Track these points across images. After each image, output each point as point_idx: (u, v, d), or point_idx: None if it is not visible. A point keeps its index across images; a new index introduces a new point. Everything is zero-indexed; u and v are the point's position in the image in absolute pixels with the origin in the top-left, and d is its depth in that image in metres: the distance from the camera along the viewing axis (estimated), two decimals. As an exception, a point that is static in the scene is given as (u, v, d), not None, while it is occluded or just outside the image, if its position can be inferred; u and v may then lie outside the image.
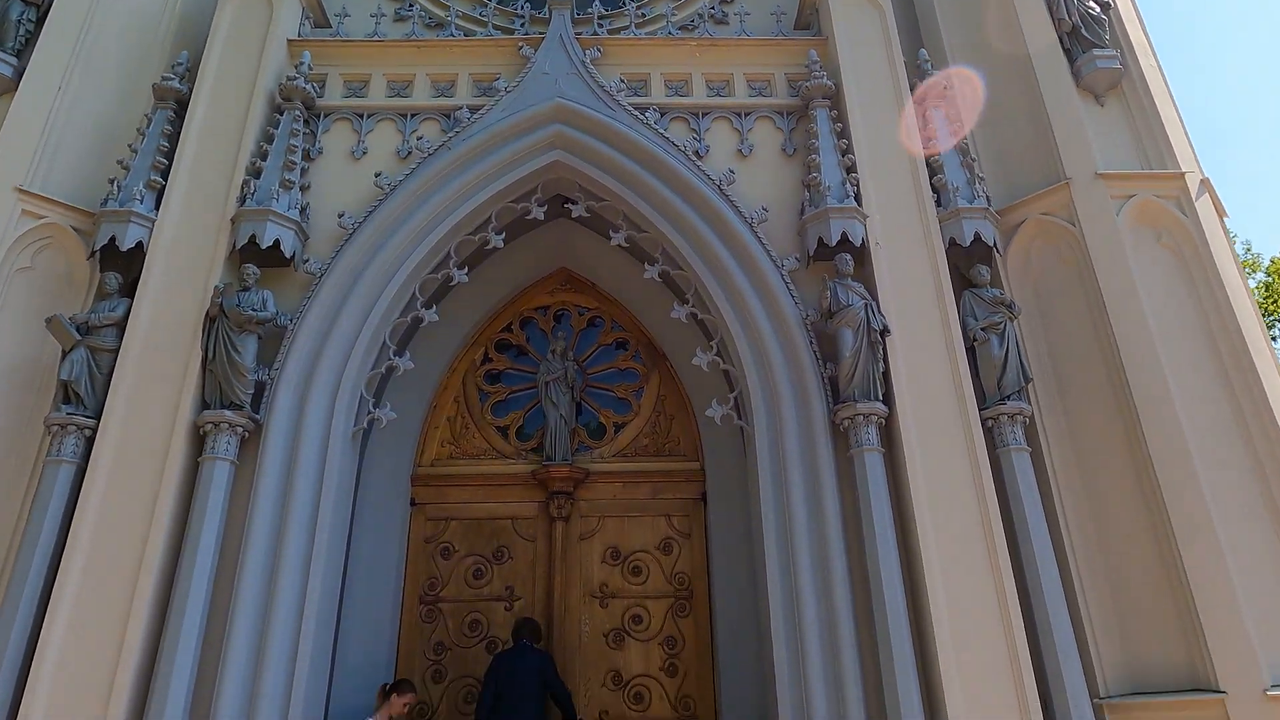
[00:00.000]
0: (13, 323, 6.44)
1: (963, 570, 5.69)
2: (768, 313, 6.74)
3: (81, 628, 5.46)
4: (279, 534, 5.93)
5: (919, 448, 6.07)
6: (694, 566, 7.25)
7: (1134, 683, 5.64)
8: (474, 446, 7.75)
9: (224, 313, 6.28)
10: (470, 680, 6.91)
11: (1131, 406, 6.15)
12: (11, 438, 6.17)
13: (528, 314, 8.30)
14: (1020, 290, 6.92)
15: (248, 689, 5.50)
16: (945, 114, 7.47)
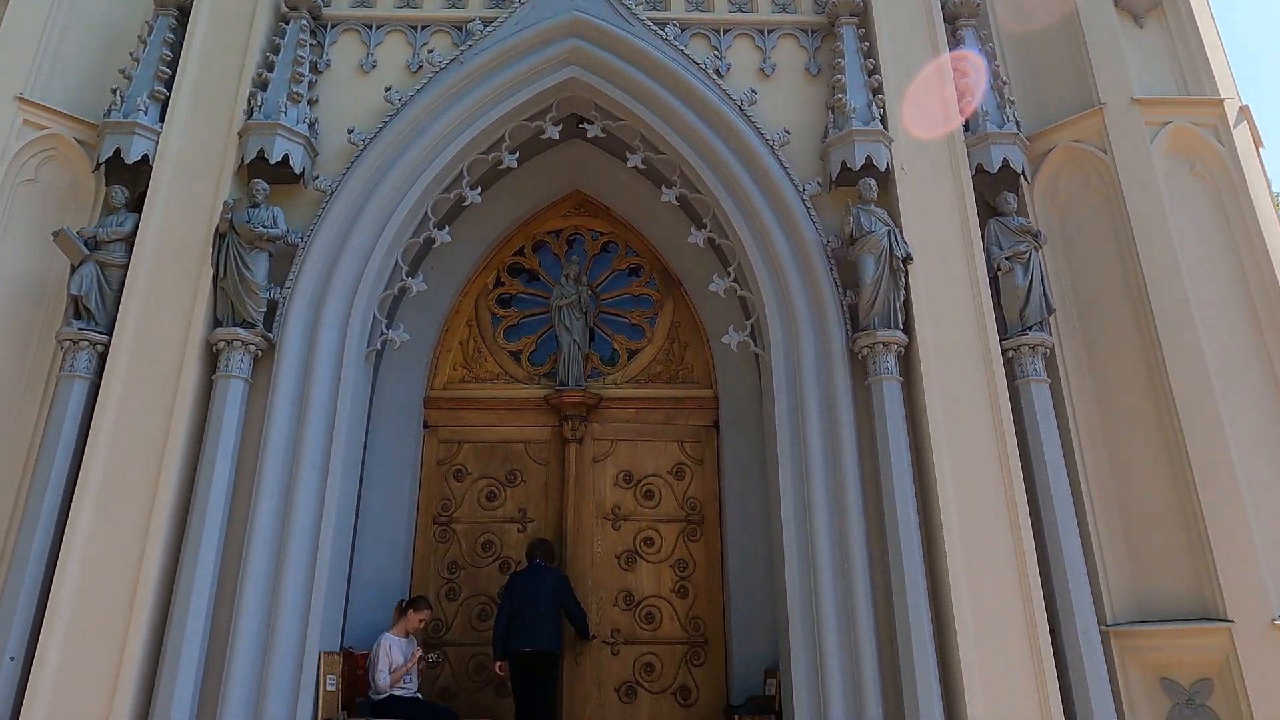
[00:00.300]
0: (19, 236, 6.33)
1: (977, 499, 5.69)
2: (787, 238, 6.60)
3: (100, 540, 5.50)
4: (294, 453, 5.93)
5: (938, 377, 6.01)
6: (705, 492, 7.29)
7: (1142, 611, 5.70)
8: (486, 371, 7.72)
9: (234, 229, 6.15)
10: (484, 599, 7.03)
11: (1155, 340, 6.07)
12: (22, 352, 6.13)
13: (540, 237, 8.16)
14: (1046, 219, 6.76)
15: (267, 604, 5.58)
16: (977, 35, 7.18)
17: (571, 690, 6.26)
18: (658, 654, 6.68)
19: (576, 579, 6.73)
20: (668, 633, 6.79)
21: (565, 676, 6.31)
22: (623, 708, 6.41)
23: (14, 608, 5.35)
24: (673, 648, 6.75)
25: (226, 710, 5.29)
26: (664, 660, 6.68)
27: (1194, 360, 5.91)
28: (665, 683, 6.64)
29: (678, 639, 6.80)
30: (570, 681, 6.31)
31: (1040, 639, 5.37)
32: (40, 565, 5.48)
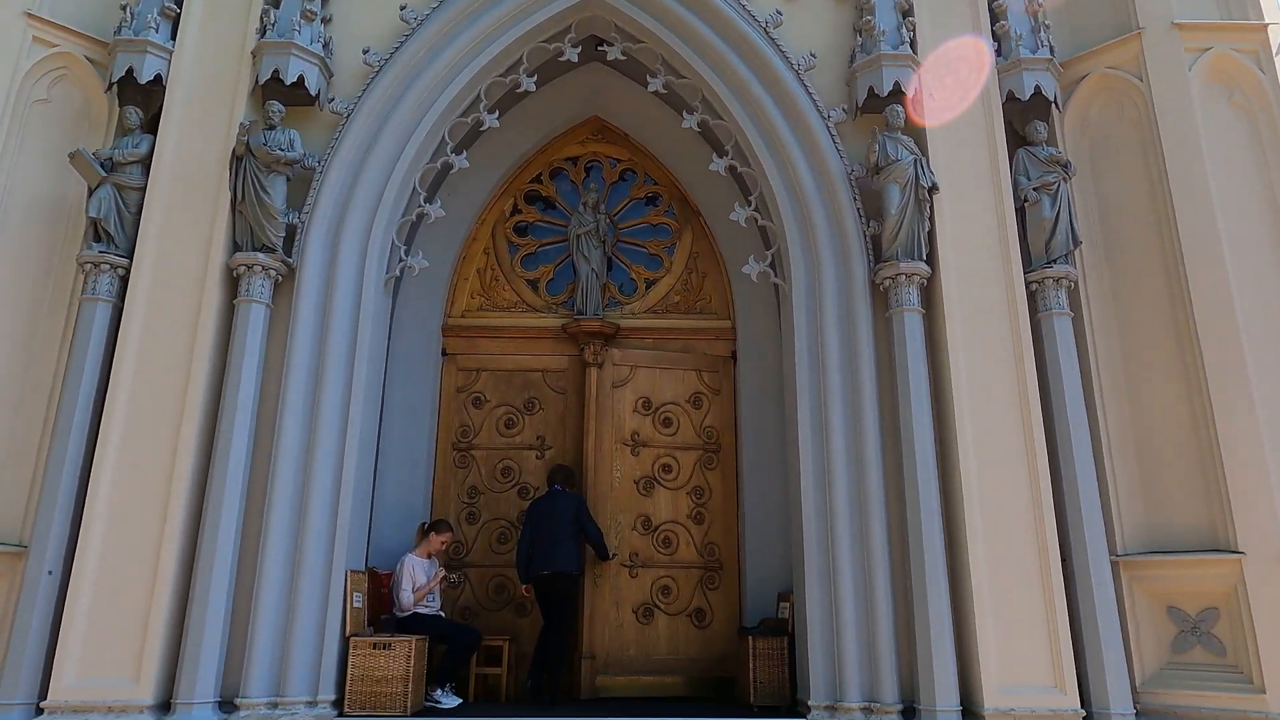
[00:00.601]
0: (36, 157, 6.27)
1: (994, 430, 5.73)
2: (811, 166, 6.49)
3: (130, 461, 5.60)
4: (317, 377, 5.99)
5: (960, 310, 5.98)
6: (722, 421, 7.35)
7: (1153, 543, 5.78)
8: (504, 299, 7.71)
9: (251, 152, 6.08)
10: (503, 523, 7.17)
11: (1181, 274, 5.99)
12: (44, 274, 6.14)
13: (558, 164, 8.05)
14: (1075, 149, 6.61)
15: (295, 524, 5.71)
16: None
17: (592, 611, 6.43)
18: (674, 577, 6.84)
19: (597, 503, 6.83)
20: (684, 557, 6.93)
21: (586, 598, 6.46)
22: (640, 628, 6.60)
23: (49, 525, 5.49)
24: (689, 571, 6.91)
25: (259, 623, 5.47)
26: (680, 583, 6.85)
27: (1221, 295, 5.84)
28: (681, 605, 6.82)
29: (694, 563, 6.95)
30: (590, 603, 6.48)
31: (1051, 567, 5.47)
32: (73, 484, 5.60)
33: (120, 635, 5.29)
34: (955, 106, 6.45)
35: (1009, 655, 5.32)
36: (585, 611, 6.40)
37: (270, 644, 5.48)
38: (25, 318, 6.01)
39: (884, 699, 5.41)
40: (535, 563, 6.39)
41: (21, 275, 6.05)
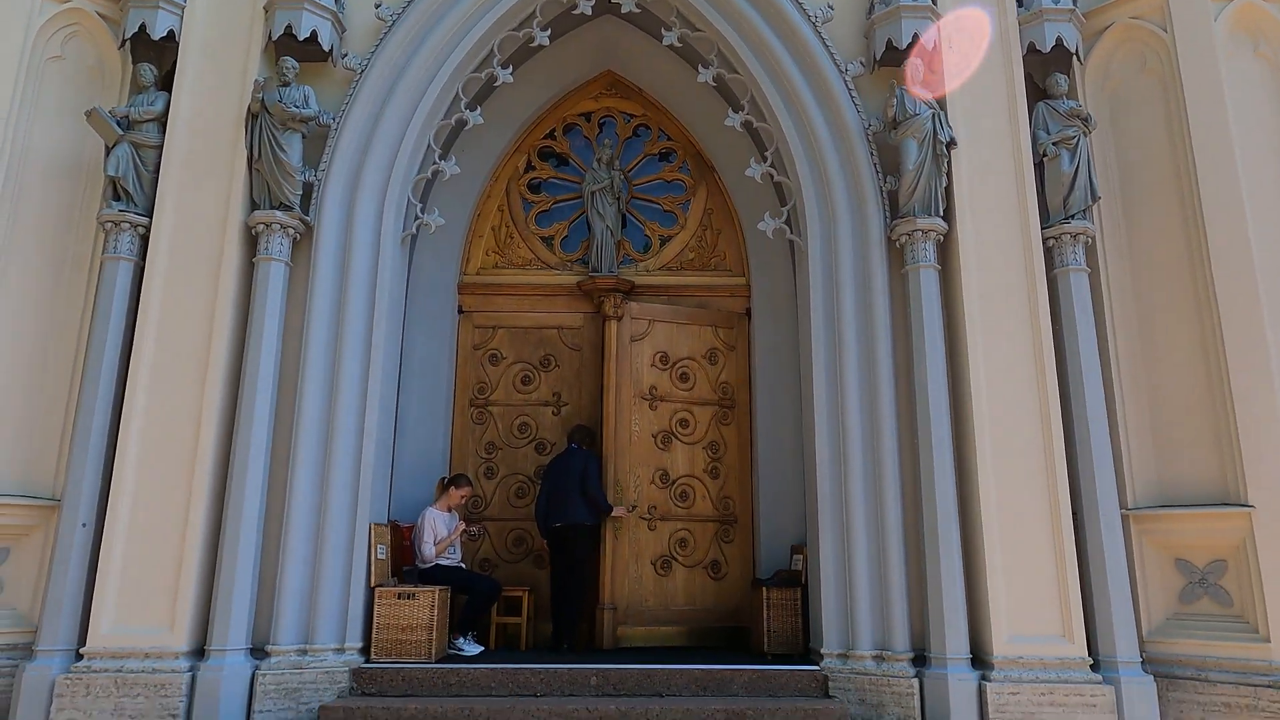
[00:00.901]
0: (51, 115, 6.28)
1: (1009, 386, 5.77)
2: (828, 121, 6.44)
3: (157, 416, 5.69)
4: (337, 334, 6.05)
5: (976, 266, 5.97)
6: (737, 377, 7.42)
7: (1164, 496, 5.85)
8: (519, 256, 7.73)
9: (266, 109, 6.06)
10: (521, 477, 7.31)
11: (1200, 229, 5.96)
12: (65, 232, 6.18)
13: (571, 120, 8.00)
14: (1096, 102, 6.53)
15: (319, 477, 5.82)
16: (1036, -102, 6.73)
17: (613, 564, 6.56)
18: (691, 530, 6.97)
19: (616, 456, 6.86)
20: (700, 511, 7.05)
21: (607, 551, 6.58)
22: (659, 580, 6.75)
23: (81, 479, 5.61)
24: (705, 525, 7.04)
25: (287, 574, 5.62)
26: (697, 536, 6.98)
27: (1239, 249, 5.82)
28: (698, 557, 6.96)
29: (710, 517, 7.08)
30: (611, 556, 6.60)
31: (1062, 520, 5.55)
32: (102, 439, 5.72)
33: (154, 585, 5.45)
34: (975, 59, 6.36)
35: (1019, 605, 5.43)
36: (606, 564, 6.54)
37: (298, 594, 5.63)
38: (49, 275, 6.08)
39: (895, 647, 5.55)
40: (550, 516, 6.65)
41: (43, 233, 6.11)
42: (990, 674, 5.33)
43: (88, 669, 5.28)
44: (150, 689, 5.22)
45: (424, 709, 5.14)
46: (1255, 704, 5.23)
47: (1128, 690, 5.32)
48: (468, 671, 5.59)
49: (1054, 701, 5.22)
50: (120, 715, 5.19)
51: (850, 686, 5.57)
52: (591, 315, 7.56)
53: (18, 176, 6.07)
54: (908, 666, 5.50)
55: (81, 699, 5.20)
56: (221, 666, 5.32)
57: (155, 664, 5.31)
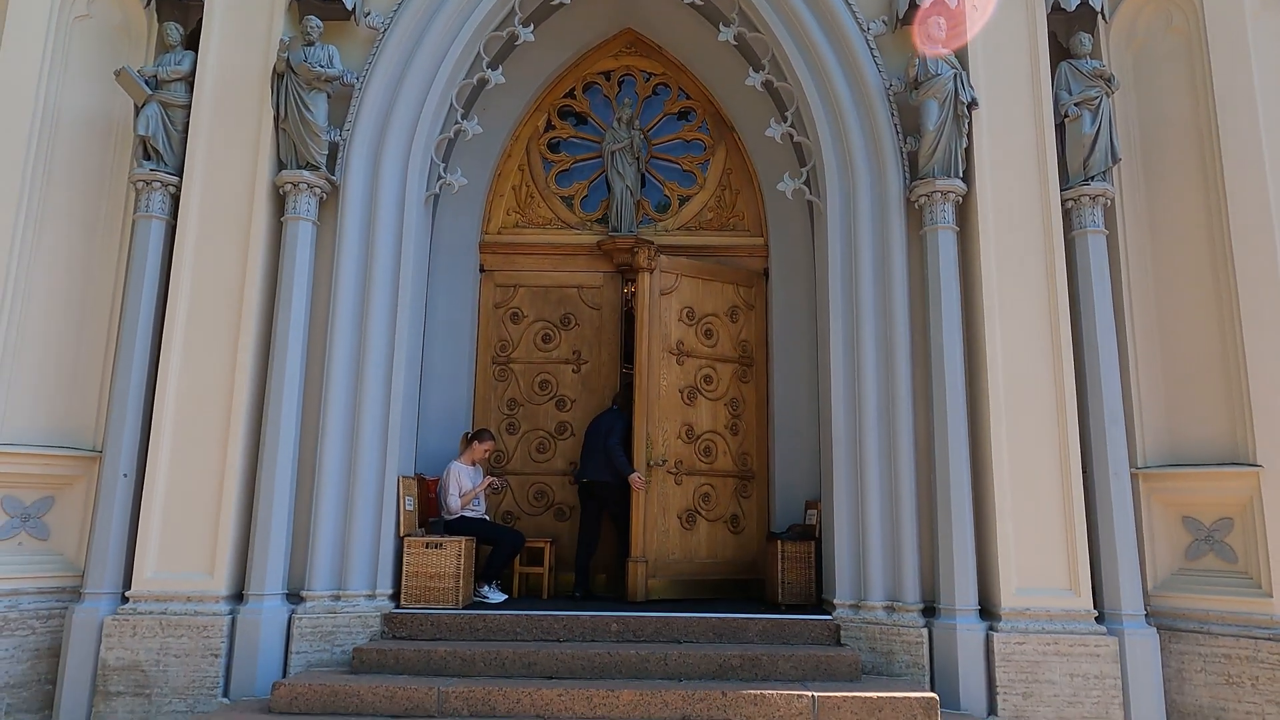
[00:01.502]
0: (80, 74, 6.35)
1: (1024, 347, 5.85)
2: (849, 81, 6.44)
3: (192, 372, 5.87)
4: (364, 292, 6.19)
5: (994, 228, 6.02)
6: (755, 336, 7.53)
7: (1174, 455, 5.96)
8: (539, 216, 7.82)
9: (292, 69, 6.13)
10: (541, 433, 7.49)
11: (1220, 190, 5.97)
12: (97, 191, 6.30)
13: (591, 79, 8.01)
14: (1120, 62, 6.50)
15: (349, 432, 6.00)
16: None
17: (645, 517, 6.68)
18: (713, 485, 7.14)
19: (647, 410, 6.88)
20: (722, 466, 7.21)
21: (639, 505, 6.71)
22: (684, 533, 6.93)
23: (121, 431, 5.82)
24: (725, 480, 7.21)
25: (320, 524, 5.85)
26: (718, 491, 7.16)
27: (1259, 212, 5.83)
28: (720, 512, 7.14)
29: (730, 472, 7.24)
30: (644, 510, 6.71)
31: (1073, 478, 5.67)
32: (140, 393, 5.92)
33: (194, 533, 5.68)
34: (998, 17, 6.32)
35: (1027, 559, 5.59)
36: (638, 518, 6.67)
37: (331, 543, 5.86)
38: (83, 234, 6.22)
39: (906, 598, 5.74)
40: (581, 471, 7.01)
41: (76, 192, 6.23)
42: (997, 625, 5.51)
43: (134, 611, 5.55)
44: (193, 630, 5.49)
45: (453, 651, 5.38)
46: (1255, 655, 5.41)
47: (1131, 641, 5.50)
48: (494, 617, 5.83)
49: (1059, 651, 5.40)
50: (166, 654, 5.46)
51: (861, 635, 5.77)
52: (611, 275, 7.67)
53: (50, 136, 6.17)
54: (918, 617, 5.69)
55: (129, 639, 5.48)
56: (260, 610, 5.58)
57: (197, 607, 5.57)
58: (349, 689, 4.88)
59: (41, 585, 5.76)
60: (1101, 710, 5.33)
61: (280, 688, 4.92)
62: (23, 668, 5.62)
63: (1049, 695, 5.36)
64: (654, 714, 4.77)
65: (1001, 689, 5.37)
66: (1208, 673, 5.57)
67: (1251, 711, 5.38)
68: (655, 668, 5.29)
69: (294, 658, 5.61)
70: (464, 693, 4.84)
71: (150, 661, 5.45)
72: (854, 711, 4.76)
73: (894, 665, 5.61)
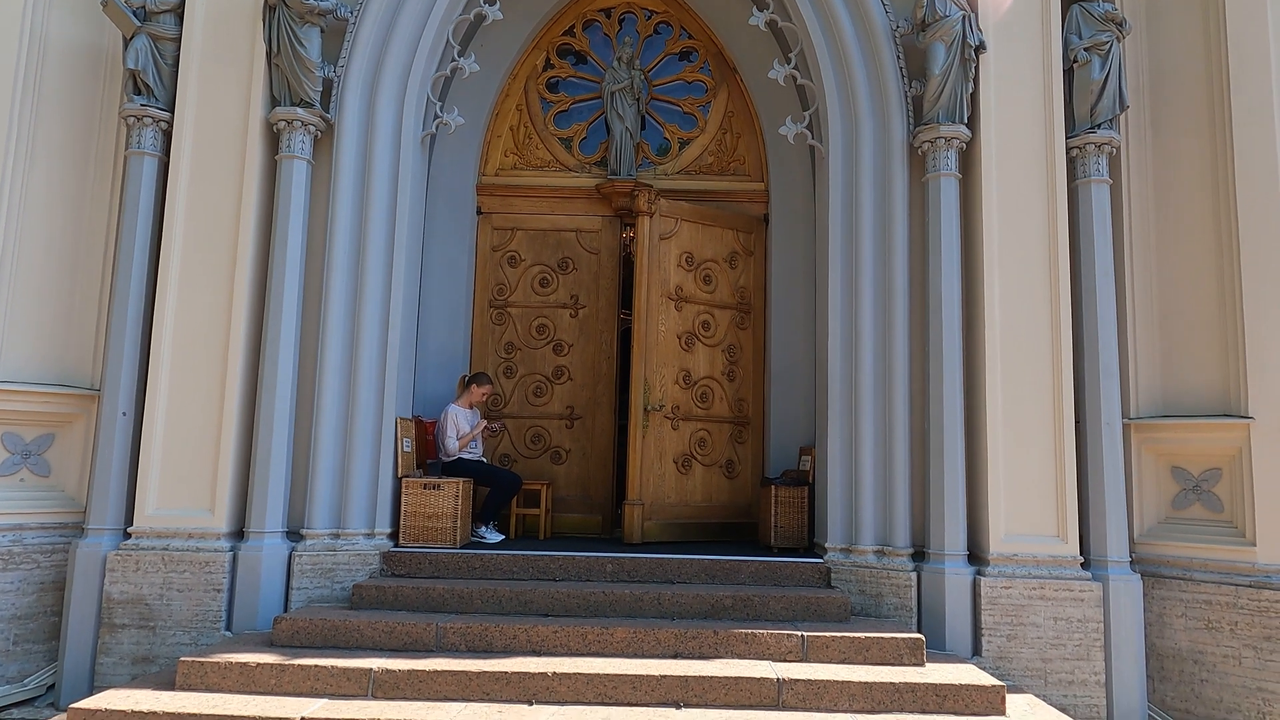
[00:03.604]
0: (66, 4, 6.19)
1: (1021, 296, 5.83)
2: (854, 22, 6.29)
3: (188, 312, 5.86)
4: (360, 232, 6.14)
5: (997, 175, 5.95)
6: (754, 282, 7.50)
7: (1166, 406, 6.01)
8: (537, 158, 7.71)
9: (284, 1, 5.97)
10: (539, 377, 7.52)
11: (1228, 140, 5.88)
12: (87, 126, 6.21)
13: (591, 16, 7.83)
14: (1132, 5, 6.35)
15: (347, 372, 6.02)
16: None
17: (641, 460, 6.73)
18: (709, 430, 7.19)
19: (646, 354, 6.86)
20: (718, 412, 7.26)
21: (635, 448, 6.75)
22: (680, 477, 6.99)
23: (119, 369, 5.82)
24: (721, 425, 7.26)
25: (318, 464, 5.90)
26: (714, 437, 7.21)
27: (1266, 162, 5.75)
28: (715, 457, 7.21)
29: (726, 418, 7.29)
30: (640, 453, 6.75)
31: (1065, 427, 5.71)
32: (137, 330, 5.90)
33: (193, 471, 5.74)
34: (1010, -43, 6.15)
35: (1017, 507, 5.67)
36: (635, 461, 6.72)
37: (330, 483, 5.93)
38: (75, 170, 6.14)
39: (896, 543, 5.83)
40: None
41: (66, 128, 6.13)
42: (985, 569, 5.62)
43: (136, 546, 5.64)
44: (195, 565, 5.59)
45: (451, 589, 5.49)
46: (1235, 601, 5.53)
47: (1115, 587, 5.62)
48: (491, 557, 5.93)
49: (1044, 596, 5.52)
50: (169, 588, 5.57)
51: (851, 578, 5.89)
52: (610, 219, 7.60)
53: (38, 71, 6.04)
54: (907, 561, 5.80)
55: (132, 573, 5.57)
56: (260, 547, 5.67)
57: (199, 543, 5.66)
58: (349, 623, 4.99)
59: (44, 521, 5.84)
60: (1083, 652, 5.47)
61: (281, 622, 5.03)
62: (29, 600, 5.73)
63: (1032, 638, 5.49)
64: (647, 651, 4.90)
65: (986, 631, 5.50)
66: (1188, 618, 5.70)
67: (1229, 655, 5.52)
68: (649, 607, 5.40)
69: (295, 593, 5.72)
70: (461, 628, 4.95)
71: (154, 595, 5.56)
72: (842, 650, 4.89)
73: (882, 607, 5.73)
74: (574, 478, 7.42)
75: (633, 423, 6.81)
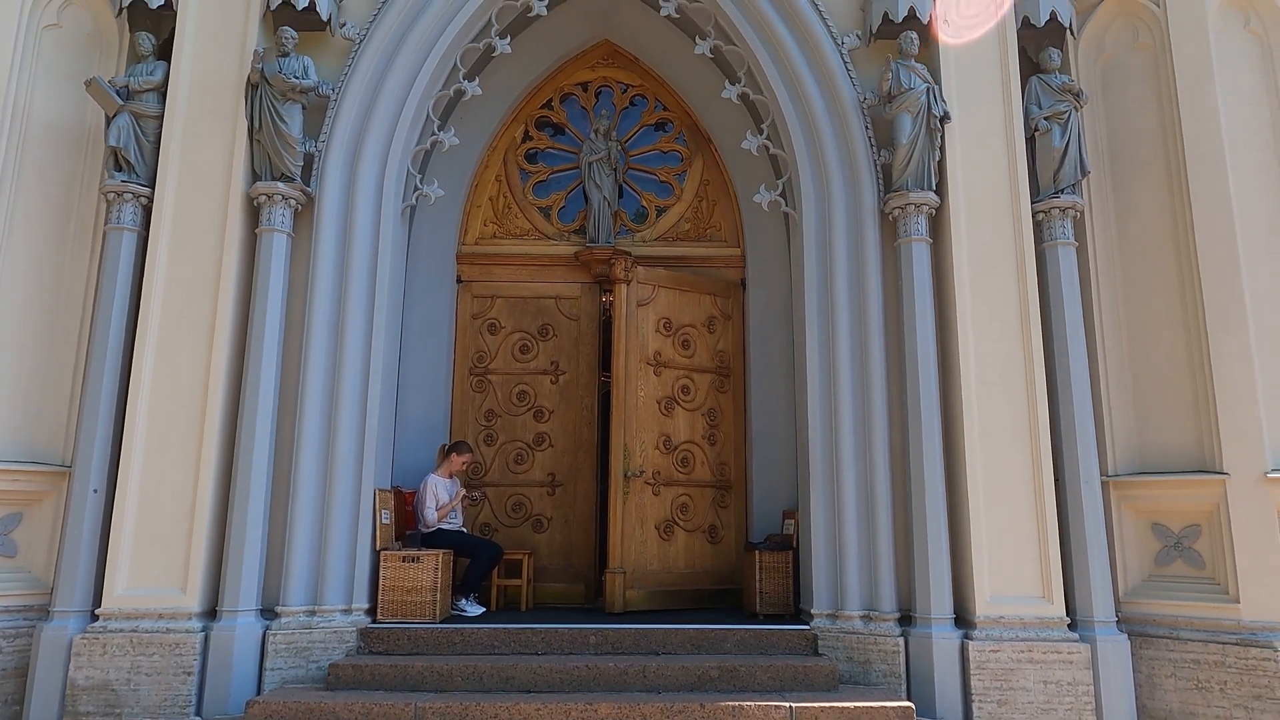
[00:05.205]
0: (50, 83, 6.27)
1: (996, 358, 5.93)
2: (824, 95, 6.51)
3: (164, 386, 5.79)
4: (340, 304, 6.15)
5: (967, 240, 6.10)
6: (732, 346, 7.56)
7: (1143, 464, 6.07)
8: (517, 227, 7.81)
9: (266, 80, 6.09)
10: (519, 444, 7.48)
11: (1186, 203, 6.09)
12: (67, 202, 6.22)
13: (568, 90, 8.04)
14: (1088, 76, 6.63)
15: (324, 446, 5.95)
16: None
17: (622, 528, 6.66)
18: (691, 495, 7.15)
19: (625, 420, 6.86)
20: (700, 476, 7.23)
21: (616, 515, 6.70)
22: (662, 544, 6.92)
23: (92, 445, 5.73)
24: (703, 490, 7.22)
25: (295, 538, 5.79)
26: (696, 501, 7.17)
27: (1223, 224, 5.96)
28: (698, 522, 7.15)
29: (708, 482, 7.26)
30: (620, 519, 6.69)
31: (1045, 487, 5.75)
32: (111, 406, 5.83)
33: (166, 549, 5.61)
34: (970, 33, 6.42)
35: (1001, 568, 5.66)
36: (615, 528, 6.66)
37: (306, 557, 5.81)
38: (53, 245, 6.13)
39: (882, 608, 5.78)
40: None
41: (46, 203, 6.14)
42: (972, 633, 5.57)
43: (104, 629, 5.46)
44: (165, 648, 5.41)
45: (430, 666, 5.34)
46: (1223, 660, 5.50)
47: (1103, 648, 5.58)
48: (471, 631, 5.80)
49: (1032, 659, 5.46)
50: (137, 673, 5.38)
51: (839, 645, 5.81)
52: (589, 285, 7.68)
53: (19, 146, 6.09)
54: (894, 626, 5.73)
55: (99, 658, 5.39)
56: (234, 626, 5.51)
57: (169, 624, 5.49)
58: (324, 706, 4.83)
59: (9, 604, 5.66)
60: (1074, 716, 5.39)
61: (254, 705, 4.87)
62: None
63: (1023, 702, 5.41)
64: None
65: (976, 696, 5.42)
66: (1178, 678, 5.65)
67: (1220, 716, 5.47)
68: (634, 680, 5.29)
69: (268, 675, 5.54)
70: (441, 708, 4.81)
71: (121, 680, 5.36)
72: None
73: (871, 674, 5.64)
74: (556, 546, 7.32)
75: (613, 489, 6.76)
